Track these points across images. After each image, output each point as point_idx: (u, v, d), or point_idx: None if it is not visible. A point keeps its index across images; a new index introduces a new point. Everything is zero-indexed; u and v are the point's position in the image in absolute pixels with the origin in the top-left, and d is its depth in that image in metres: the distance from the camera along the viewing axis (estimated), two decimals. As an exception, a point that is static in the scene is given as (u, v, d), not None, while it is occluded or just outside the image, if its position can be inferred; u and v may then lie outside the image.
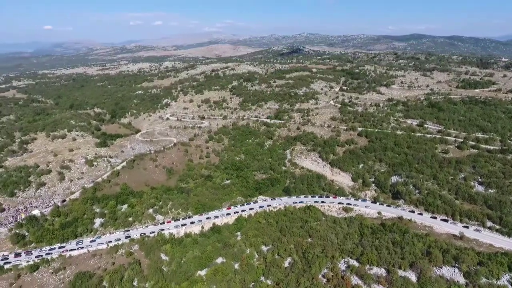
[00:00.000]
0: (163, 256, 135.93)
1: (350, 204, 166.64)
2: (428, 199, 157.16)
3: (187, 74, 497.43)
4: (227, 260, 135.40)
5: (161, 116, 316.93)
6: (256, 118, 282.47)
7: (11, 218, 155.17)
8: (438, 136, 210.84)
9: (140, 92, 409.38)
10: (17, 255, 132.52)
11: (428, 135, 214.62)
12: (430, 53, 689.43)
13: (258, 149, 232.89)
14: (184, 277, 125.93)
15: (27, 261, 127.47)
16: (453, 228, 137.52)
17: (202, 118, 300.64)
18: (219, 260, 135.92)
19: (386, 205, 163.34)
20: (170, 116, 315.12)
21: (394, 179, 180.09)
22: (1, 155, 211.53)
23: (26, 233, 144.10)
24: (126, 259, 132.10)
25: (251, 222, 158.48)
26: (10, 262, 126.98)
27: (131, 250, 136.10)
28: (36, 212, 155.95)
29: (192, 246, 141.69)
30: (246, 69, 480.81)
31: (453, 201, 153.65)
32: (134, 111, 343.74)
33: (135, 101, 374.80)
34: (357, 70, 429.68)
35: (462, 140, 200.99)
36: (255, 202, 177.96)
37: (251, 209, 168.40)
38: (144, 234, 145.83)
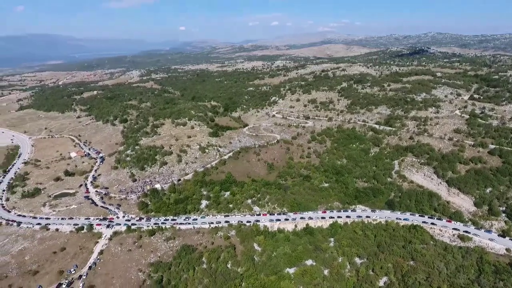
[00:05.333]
0: (255, 246, 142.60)
1: (469, 233, 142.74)
2: None
3: (296, 73, 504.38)
4: (317, 264, 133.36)
5: (268, 113, 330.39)
6: (363, 123, 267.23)
7: (139, 188, 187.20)
8: None
9: (251, 89, 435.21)
10: (141, 219, 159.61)
11: None
12: None
13: (362, 155, 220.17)
14: (273, 271, 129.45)
15: (147, 226, 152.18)
16: None
17: (307, 118, 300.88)
18: (309, 262, 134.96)
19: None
20: (276, 113, 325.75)
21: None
22: (138, 135, 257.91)
23: (149, 203, 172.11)
24: (223, 241, 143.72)
25: (347, 231, 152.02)
26: (135, 224, 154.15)
27: (228, 234, 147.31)
28: (158, 186, 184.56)
29: (284, 242, 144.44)
30: (358, 70, 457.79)
31: None
32: (244, 106, 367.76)
33: (246, 97, 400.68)
34: (496, 76, 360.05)
35: None
36: (353, 210, 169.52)
37: (347, 217, 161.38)
38: (241, 222, 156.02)
